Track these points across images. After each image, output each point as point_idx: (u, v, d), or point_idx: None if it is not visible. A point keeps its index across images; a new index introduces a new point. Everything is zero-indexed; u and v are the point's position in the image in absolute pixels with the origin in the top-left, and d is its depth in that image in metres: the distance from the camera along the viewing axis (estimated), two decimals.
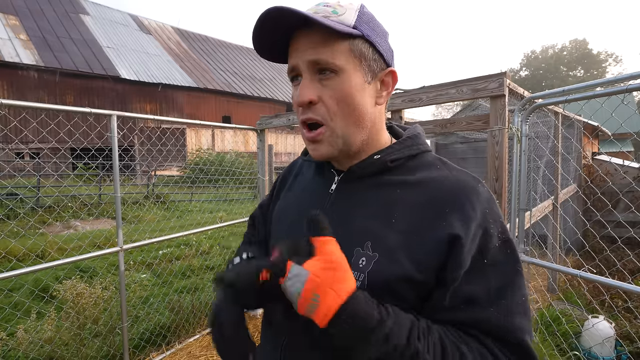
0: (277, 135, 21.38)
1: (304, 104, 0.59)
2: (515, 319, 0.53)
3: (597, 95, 1.60)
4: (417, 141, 0.66)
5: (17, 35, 15.61)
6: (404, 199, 0.60)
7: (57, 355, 2.35)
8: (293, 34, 0.59)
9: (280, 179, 0.86)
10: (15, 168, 11.95)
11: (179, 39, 23.80)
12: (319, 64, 0.57)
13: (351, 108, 0.59)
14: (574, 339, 2.55)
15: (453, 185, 0.59)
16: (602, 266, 2.38)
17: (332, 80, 0.58)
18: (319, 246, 0.50)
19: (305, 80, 0.59)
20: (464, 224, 0.54)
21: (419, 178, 0.61)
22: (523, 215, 2.13)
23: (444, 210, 0.56)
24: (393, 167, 0.63)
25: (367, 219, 0.60)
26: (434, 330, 0.52)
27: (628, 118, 2.23)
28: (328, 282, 0.47)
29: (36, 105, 1.97)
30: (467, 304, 0.54)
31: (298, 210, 0.72)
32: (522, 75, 44.55)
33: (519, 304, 0.55)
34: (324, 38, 0.57)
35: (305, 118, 0.60)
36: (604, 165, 5.34)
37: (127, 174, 13.86)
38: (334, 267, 0.49)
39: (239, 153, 16.64)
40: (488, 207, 0.58)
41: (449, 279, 0.54)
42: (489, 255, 0.55)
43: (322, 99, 0.59)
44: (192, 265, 4.71)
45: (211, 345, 2.90)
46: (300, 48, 0.58)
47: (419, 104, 2.18)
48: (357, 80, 0.59)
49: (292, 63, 0.60)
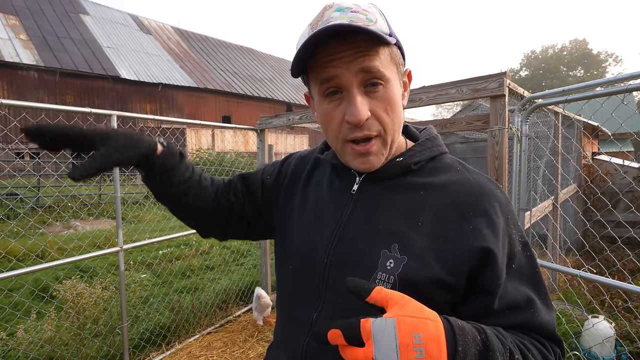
0: (277, 135, 21.39)
1: (362, 122, 0.55)
2: (548, 315, 0.58)
3: (597, 95, 1.60)
4: (436, 143, 0.67)
5: (17, 35, 15.61)
6: (428, 201, 0.60)
7: (57, 355, 2.35)
8: (322, 45, 0.54)
9: (290, 171, 0.81)
10: (15, 168, 11.95)
11: (179, 39, 23.80)
12: (371, 72, 0.54)
13: (397, 115, 0.59)
14: (574, 339, 2.55)
15: (474, 188, 0.60)
16: (602, 266, 2.37)
17: (380, 92, 0.56)
18: (378, 297, 0.47)
19: (358, 95, 0.55)
20: (492, 232, 0.56)
21: (441, 181, 0.62)
22: (523, 215, 2.13)
23: (468, 213, 0.57)
24: (416, 169, 0.64)
25: (393, 220, 0.60)
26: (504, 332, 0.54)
27: (628, 118, 2.24)
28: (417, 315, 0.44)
29: (36, 105, 1.97)
30: (510, 310, 0.56)
31: (314, 212, 0.70)
32: (522, 75, 44.56)
33: (545, 300, 0.59)
34: (369, 46, 0.54)
35: (362, 135, 0.57)
36: (604, 165, 5.34)
37: (127, 174, 13.85)
38: (407, 300, 0.46)
39: (239, 153, 16.62)
40: (509, 213, 0.60)
41: (488, 288, 0.55)
42: (515, 260, 0.58)
43: (373, 112, 0.57)
44: (192, 265, 4.71)
45: (211, 345, 2.90)
46: (345, 57, 0.54)
47: (419, 104, 2.18)
48: (397, 88, 0.59)
49: (332, 73, 0.55)
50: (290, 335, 0.69)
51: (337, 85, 0.56)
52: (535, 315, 0.57)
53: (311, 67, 0.57)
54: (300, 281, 0.68)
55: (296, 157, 0.84)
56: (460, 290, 0.56)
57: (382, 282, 0.56)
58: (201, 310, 3.23)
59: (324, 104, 0.59)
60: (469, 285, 0.56)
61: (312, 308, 0.64)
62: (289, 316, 0.71)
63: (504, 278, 0.56)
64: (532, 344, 0.56)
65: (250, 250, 5.51)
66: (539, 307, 0.58)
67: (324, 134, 0.64)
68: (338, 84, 0.56)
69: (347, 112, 0.56)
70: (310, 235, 0.68)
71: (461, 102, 7.28)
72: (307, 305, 0.65)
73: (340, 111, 0.57)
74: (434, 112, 60.07)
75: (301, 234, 0.70)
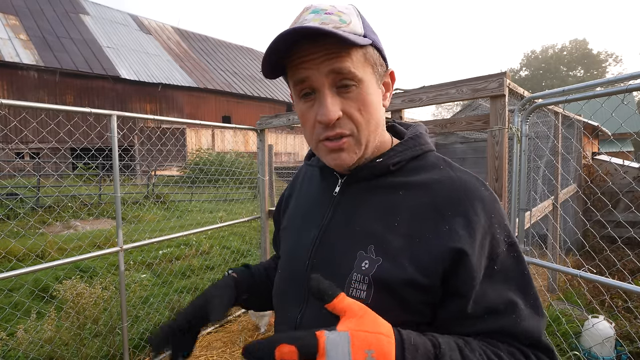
0: (277, 135, 21.38)
1: (332, 121, 0.56)
2: (535, 321, 0.55)
3: (597, 95, 1.60)
4: (419, 141, 0.66)
5: (17, 35, 15.61)
6: (406, 201, 0.60)
7: (57, 355, 2.35)
8: (295, 47, 0.55)
9: (286, 194, 0.86)
10: (15, 168, 11.95)
11: (179, 39, 23.80)
12: (341, 73, 0.55)
13: (372, 115, 0.59)
14: (574, 339, 2.55)
15: (456, 186, 0.59)
16: (602, 266, 2.38)
17: (353, 92, 0.57)
18: (338, 306, 0.47)
19: (328, 96, 0.56)
20: (469, 232, 0.54)
21: (422, 179, 0.61)
22: (523, 215, 2.13)
23: (446, 213, 0.56)
24: (395, 170, 0.63)
25: (370, 221, 0.60)
26: (474, 344, 0.52)
27: (628, 118, 2.24)
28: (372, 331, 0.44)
29: (36, 105, 1.97)
30: (489, 314, 0.54)
31: (303, 214, 0.73)
32: (522, 75, 44.56)
33: (533, 305, 0.56)
34: (340, 48, 0.54)
35: (334, 134, 0.57)
36: (604, 165, 5.34)
37: (127, 174, 13.85)
38: (364, 312, 0.47)
39: (239, 153, 16.63)
40: (493, 211, 0.58)
41: (462, 291, 0.54)
42: (498, 261, 0.56)
43: (345, 112, 0.57)
44: (192, 265, 4.71)
45: (211, 345, 2.90)
46: (316, 59, 0.54)
47: (419, 104, 2.18)
48: (373, 88, 0.59)
49: (304, 74, 0.56)
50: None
51: (310, 87, 0.57)
52: (518, 321, 0.54)
53: (288, 68, 0.58)
54: (287, 283, 0.70)
55: (290, 184, 0.88)
56: (436, 291, 0.55)
57: (357, 282, 0.57)
58: None
59: (299, 105, 0.61)
60: (444, 287, 0.55)
61: (297, 309, 0.65)
62: (280, 316, 0.73)
63: (480, 280, 0.54)
64: (510, 354, 0.53)
65: (250, 251, 5.52)
66: (523, 313, 0.55)
67: (304, 133, 0.65)
68: (310, 85, 0.57)
69: (318, 112, 0.57)
70: (297, 237, 0.70)
71: (461, 102, 7.28)
72: (293, 306, 0.66)
73: (314, 112, 0.58)
74: (434, 112, 60.05)
75: (293, 236, 0.73)
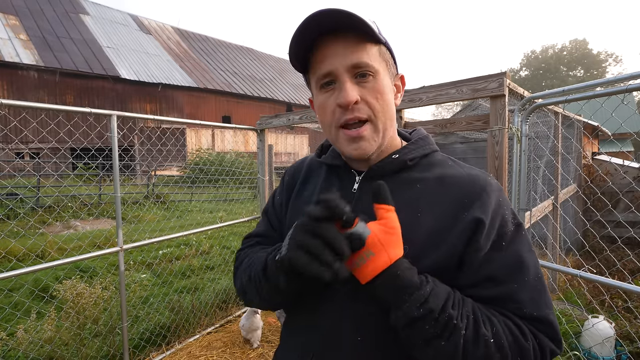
0: (277, 135, 21.39)
1: (351, 103, 0.61)
2: (534, 293, 0.59)
3: (597, 95, 1.60)
4: (428, 142, 0.72)
5: (17, 35, 15.61)
6: (425, 193, 0.65)
7: (57, 355, 2.35)
8: (319, 43, 0.61)
9: (284, 187, 0.84)
10: (15, 168, 11.95)
11: (179, 39, 23.80)
12: (360, 66, 0.61)
13: (388, 104, 0.64)
14: (574, 339, 2.55)
15: (467, 180, 0.65)
16: (602, 266, 2.37)
17: (370, 82, 0.62)
18: (382, 212, 0.56)
19: (347, 82, 0.61)
20: (484, 210, 0.61)
21: (436, 175, 0.67)
22: (523, 215, 2.13)
23: (463, 202, 0.62)
24: (411, 165, 0.68)
25: None
26: (468, 302, 0.57)
27: (628, 118, 2.24)
28: (384, 244, 0.53)
29: (36, 105, 1.97)
30: (490, 282, 0.59)
31: None
32: (522, 75, 44.55)
33: (536, 280, 0.60)
34: (358, 42, 0.60)
35: (352, 117, 0.62)
36: (604, 165, 5.34)
37: (127, 174, 13.86)
38: (392, 232, 0.54)
39: (239, 153, 16.64)
40: (501, 196, 0.64)
41: (468, 260, 0.60)
42: (506, 238, 0.61)
43: (363, 98, 0.62)
44: (192, 265, 4.71)
45: (211, 345, 2.90)
46: (338, 53, 0.61)
47: (419, 104, 2.18)
48: (387, 81, 0.65)
49: (327, 68, 0.62)
50: (298, 340, 0.71)
51: (330, 77, 0.62)
52: (517, 291, 0.58)
53: (310, 66, 0.65)
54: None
55: (288, 173, 0.86)
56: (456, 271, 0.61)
57: None
58: (201, 310, 3.22)
59: (320, 97, 0.65)
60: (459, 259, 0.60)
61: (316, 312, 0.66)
62: (294, 321, 0.73)
63: (486, 252, 0.59)
64: (504, 323, 0.56)
65: None
66: (524, 284, 0.58)
67: (321, 126, 0.70)
68: (331, 74, 0.62)
69: (338, 97, 0.62)
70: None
71: (461, 102, 7.28)
72: (312, 309, 0.67)
73: (334, 99, 0.63)
74: (434, 112, 60.08)
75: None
